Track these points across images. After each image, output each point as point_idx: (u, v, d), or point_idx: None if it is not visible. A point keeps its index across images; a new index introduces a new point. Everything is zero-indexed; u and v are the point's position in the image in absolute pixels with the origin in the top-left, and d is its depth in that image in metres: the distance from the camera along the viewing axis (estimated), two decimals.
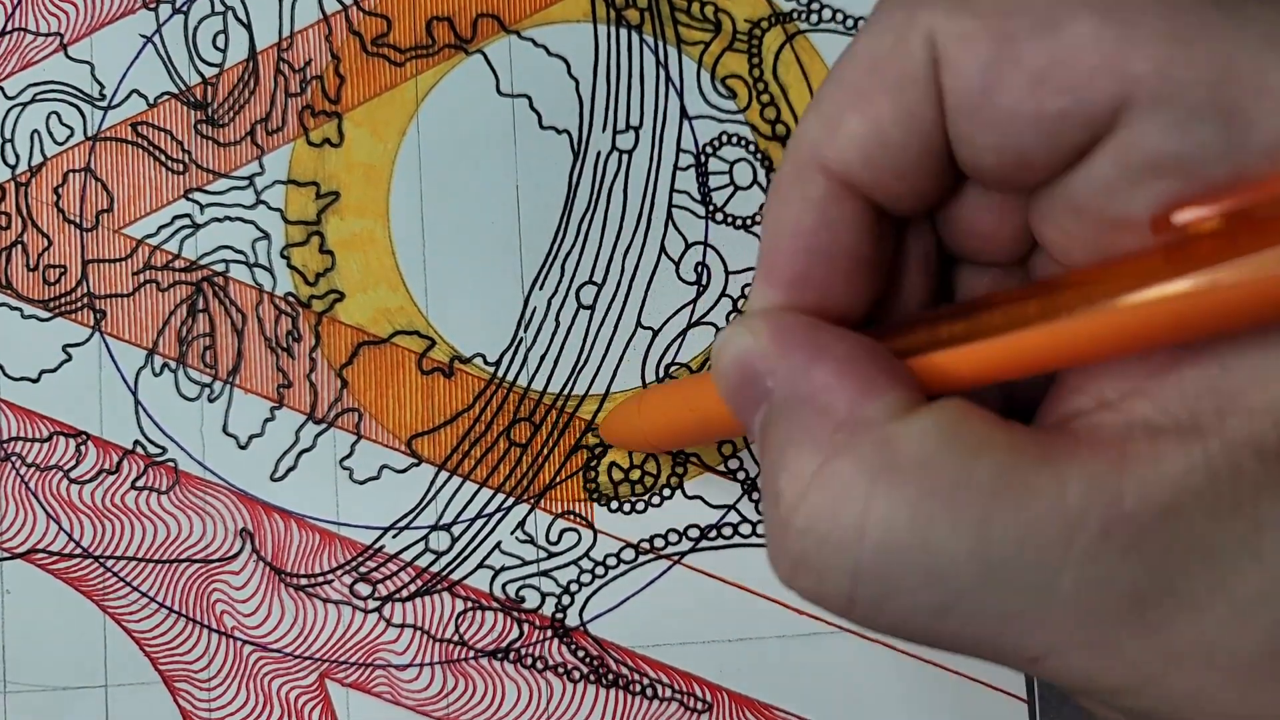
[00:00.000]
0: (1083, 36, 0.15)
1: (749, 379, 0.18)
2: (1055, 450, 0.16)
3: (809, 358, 0.17)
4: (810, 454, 0.17)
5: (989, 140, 0.17)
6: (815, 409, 0.17)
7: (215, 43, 0.31)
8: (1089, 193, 0.16)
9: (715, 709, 0.30)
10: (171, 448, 0.30)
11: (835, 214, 0.18)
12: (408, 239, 0.31)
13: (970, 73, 0.16)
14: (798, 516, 0.17)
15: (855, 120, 0.17)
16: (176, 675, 0.30)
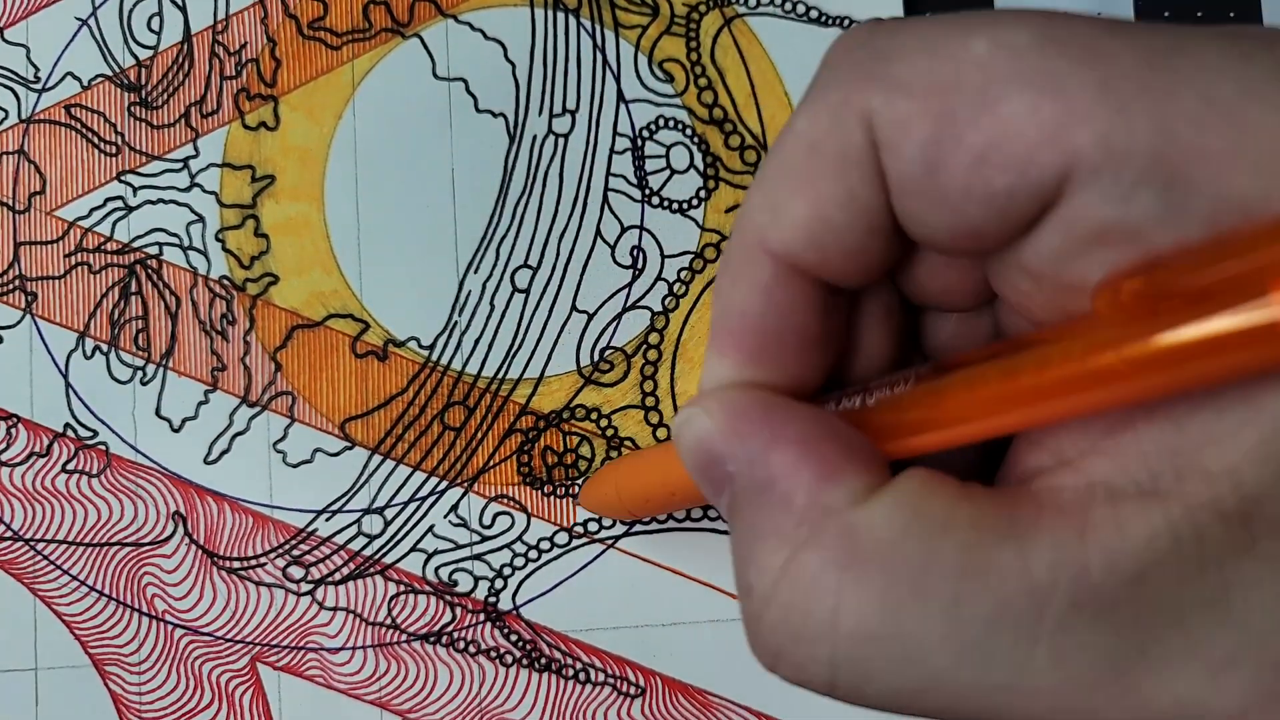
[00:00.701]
0: (1021, 113, 0.15)
1: (710, 462, 0.18)
2: (1018, 522, 0.16)
3: (766, 442, 0.17)
4: (775, 548, 0.17)
5: (937, 217, 0.17)
6: (776, 498, 0.17)
7: (150, 25, 0.31)
8: (1041, 260, 0.16)
9: (649, 693, 0.30)
10: (103, 431, 0.30)
11: (781, 297, 0.18)
12: (343, 223, 0.31)
13: (911, 155, 0.16)
14: (770, 612, 0.17)
15: (798, 204, 0.17)
16: (107, 659, 0.30)
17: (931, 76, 0.16)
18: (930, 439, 0.17)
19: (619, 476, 0.28)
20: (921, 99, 0.16)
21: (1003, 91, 0.15)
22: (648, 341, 0.31)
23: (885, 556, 0.16)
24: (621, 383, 0.31)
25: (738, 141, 0.32)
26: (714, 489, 0.18)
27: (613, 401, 0.31)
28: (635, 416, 0.31)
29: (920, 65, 0.16)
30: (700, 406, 0.18)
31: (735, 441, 0.18)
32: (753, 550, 0.17)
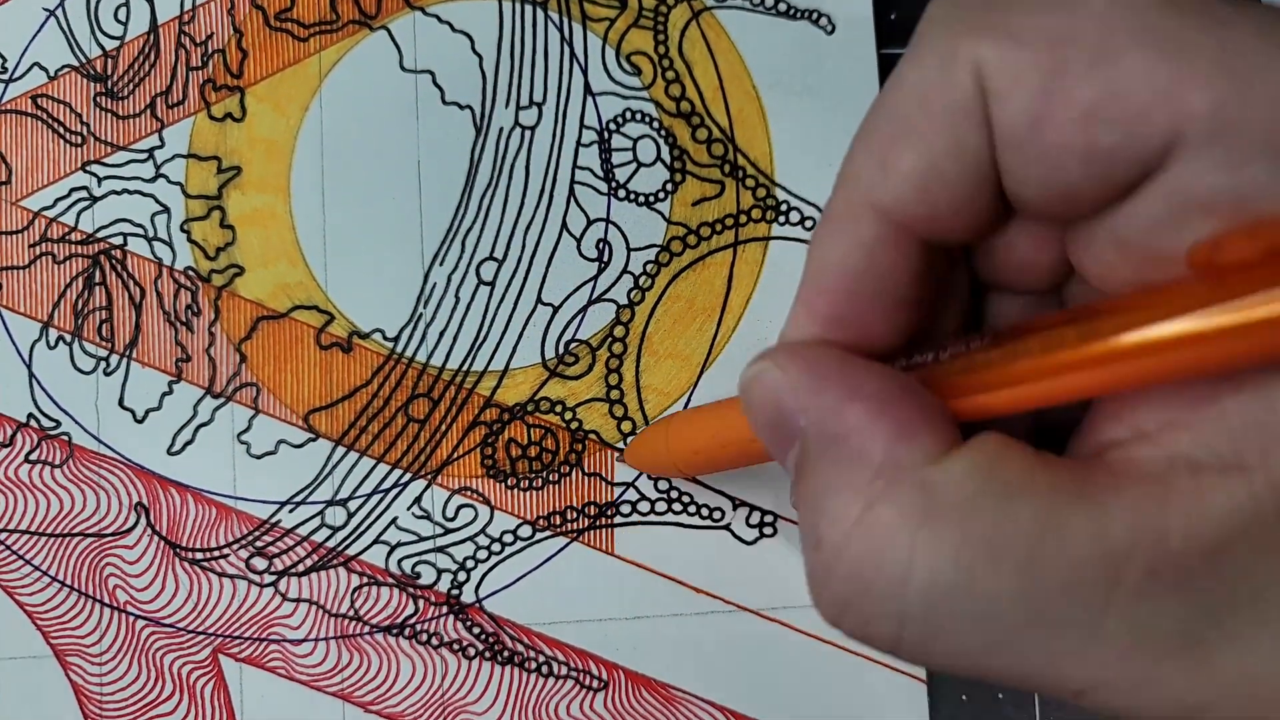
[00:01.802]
0: (1136, 71, 0.15)
1: (780, 415, 0.18)
2: (1096, 487, 0.16)
3: (842, 397, 0.17)
4: (850, 500, 0.17)
5: (1036, 173, 0.16)
6: (851, 452, 0.17)
7: (117, 16, 0.31)
8: (1135, 228, 0.16)
9: (611, 687, 0.30)
10: (66, 421, 0.30)
11: (885, 257, 0.18)
12: (308, 214, 0.31)
13: (1019, 106, 0.16)
14: (841, 563, 0.17)
15: (908, 156, 0.17)
16: (68, 649, 0.30)
17: (1046, 28, 0.16)
18: (1006, 398, 0.17)
19: (670, 429, 0.27)
20: (1034, 49, 0.16)
21: (1119, 48, 0.15)
22: (613, 335, 0.31)
23: (960, 514, 0.16)
24: (586, 375, 0.31)
25: (705, 135, 0.32)
26: (781, 443, 0.18)
27: (577, 394, 0.31)
28: (600, 409, 0.31)
29: (1035, 16, 0.16)
30: (772, 360, 0.18)
31: (810, 395, 0.18)
32: (825, 502, 0.17)
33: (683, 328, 0.31)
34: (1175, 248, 0.16)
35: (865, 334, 0.18)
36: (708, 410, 0.26)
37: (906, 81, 0.17)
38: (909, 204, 0.17)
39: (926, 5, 0.18)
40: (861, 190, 0.18)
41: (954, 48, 0.16)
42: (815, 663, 0.31)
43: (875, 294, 0.18)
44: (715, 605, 0.31)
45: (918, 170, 0.17)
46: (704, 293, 0.31)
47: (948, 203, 0.17)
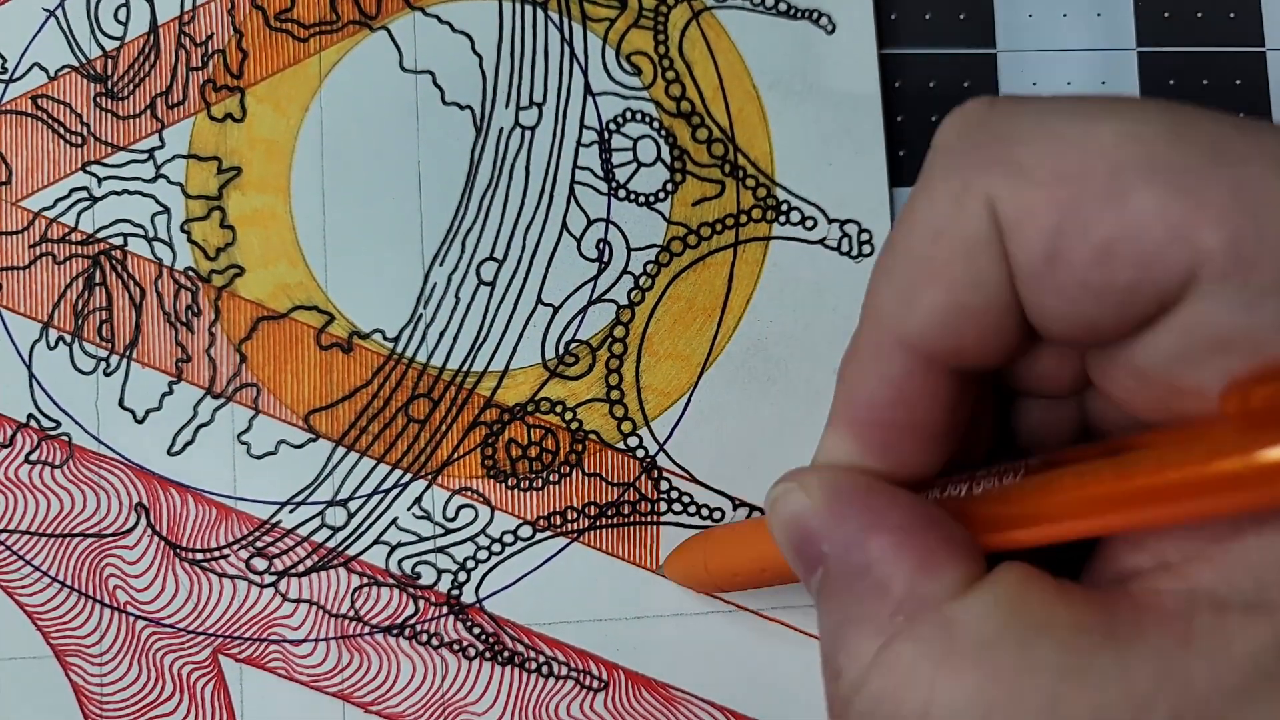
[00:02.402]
0: (1150, 208, 0.15)
1: (804, 540, 0.18)
2: (1119, 626, 0.16)
3: (865, 526, 0.17)
4: (870, 635, 0.17)
5: (1056, 306, 0.16)
6: (872, 585, 0.17)
7: (117, 16, 0.31)
8: (1154, 360, 0.16)
9: (611, 687, 0.30)
10: (66, 421, 0.30)
11: (914, 389, 0.18)
12: (308, 215, 0.31)
13: (1034, 243, 0.16)
14: (859, 699, 0.17)
15: (930, 291, 0.17)
16: (69, 650, 0.30)
17: (1056, 163, 0.16)
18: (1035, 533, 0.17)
19: (708, 548, 0.27)
20: (1046, 186, 0.16)
21: (1131, 184, 0.15)
22: (613, 335, 0.31)
23: (982, 652, 0.16)
24: (586, 376, 0.31)
25: (705, 135, 0.32)
26: (805, 568, 0.18)
27: (578, 394, 0.31)
28: (600, 410, 0.31)
29: (1044, 151, 0.16)
30: (797, 482, 0.18)
31: (833, 523, 0.18)
32: (845, 635, 0.17)
33: (683, 328, 0.31)
34: (1195, 381, 0.16)
35: (900, 461, 0.18)
36: (744, 531, 0.26)
37: (920, 216, 0.17)
38: (936, 338, 0.17)
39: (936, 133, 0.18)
40: (886, 325, 0.18)
41: (965, 182, 0.16)
42: (815, 663, 0.30)
43: (907, 424, 0.18)
44: (716, 605, 0.31)
45: (940, 305, 0.17)
46: (704, 293, 0.31)
47: (973, 334, 0.17)
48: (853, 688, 0.17)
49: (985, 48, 0.33)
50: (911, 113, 0.32)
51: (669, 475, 0.31)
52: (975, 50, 0.33)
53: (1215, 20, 0.33)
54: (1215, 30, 0.33)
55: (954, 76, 0.33)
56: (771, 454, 0.31)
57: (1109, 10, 0.33)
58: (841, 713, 0.17)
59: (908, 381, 0.18)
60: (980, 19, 0.33)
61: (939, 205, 0.17)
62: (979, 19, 0.33)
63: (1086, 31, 0.33)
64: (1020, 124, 0.16)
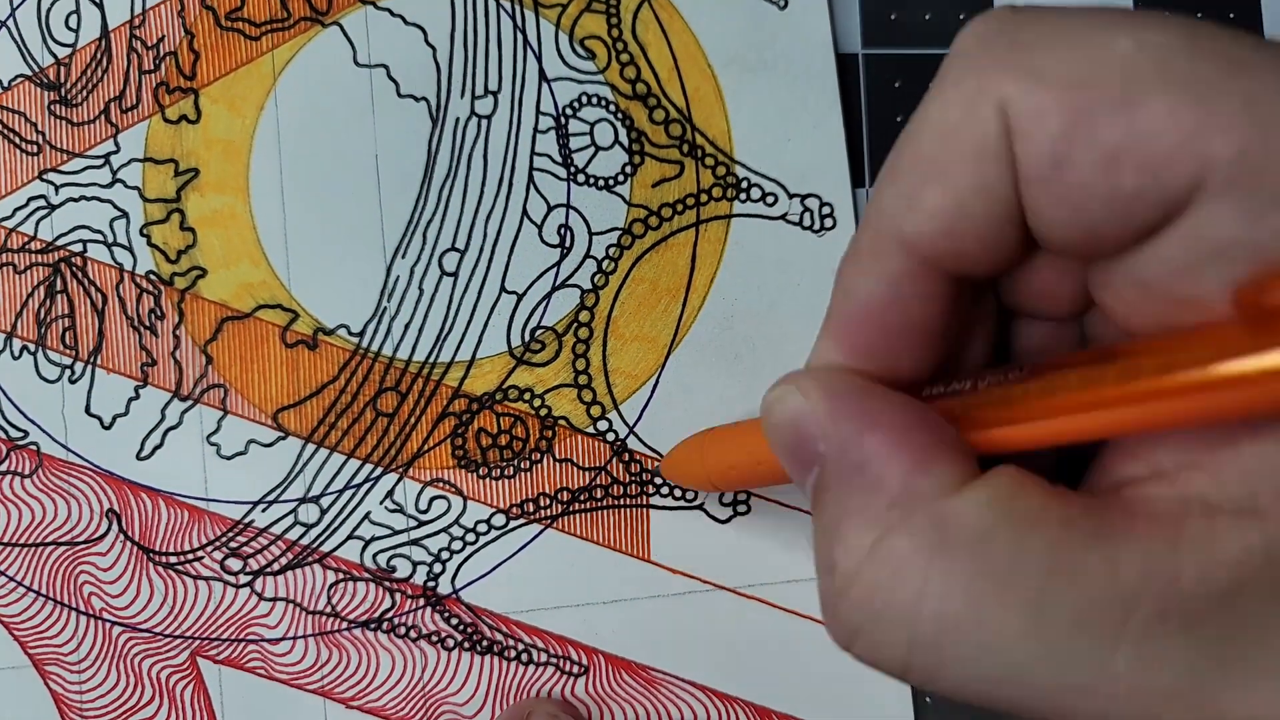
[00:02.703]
0: (1160, 115, 0.15)
1: (800, 440, 0.18)
2: (1109, 526, 0.16)
3: (862, 425, 0.17)
4: (865, 528, 0.17)
5: (1059, 213, 0.16)
6: (868, 480, 0.17)
7: (68, 23, 0.31)
8: (1157, 270, 0.16)
9: (592, 671, 0.30)
10: (33, 431, 0.30)
11: (911, 290, 0.18)
12: (268, 213, 0.31)
13: (1043, 146, 0.16)
14: (853, 589, 0.17)
15: (934, 193, 0.17)
16: (46, 659, 0.30)
17: (1071, 68, 0.16)
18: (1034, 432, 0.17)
19: (705, 445, 0.27)
20: (1059, 90, 0.16)
21: (1143, 91, 0.15)
22: (578, 320, 0.31)
23: (974, 547, 0.16)
24: (553, 362, 0.31)
25: (662, 116, 0.32)
26: (800, 467, 0.19)
27: (545, 381, 0.31)
28: (568, 395, 0.31)
29: (1060, 56, 0.16)
30: (794, 384, 0.19)
31: (830, 422, 0.18)
32: (840, 529, 0.17)
33: (648, 310, 0.31)
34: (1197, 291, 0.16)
35: (892, 364, 0.19)
36: (743, 428, 0.27)
37: (931, 118, 0.17)
38: (935, 240, 0.17)
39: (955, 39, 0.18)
40: (888, 225, 0.18)
41: (979, 85, 0.16)
42: (794, 637, 0.30)
43: (902, 326, 0.18)
44: (692, 585, 0.30)
45: (943, 207, 0.17)
46: (668, 274, 0.31)
47: (973, 239, 0.17)
48: (847, 580, 0.17)
49: None
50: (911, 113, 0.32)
51: (640, 457, 0.31)
52: None
53: (1215, 19, 0.33)
54: None
55: None
56: None
57: (1110, 4, 0.33)
58: (836, 605, 0.17)
59: (904, 282, 0.18)
60: None
61: (950, 108, 0.17)
62: None
63: None
64: (1039, 31, 0.16)
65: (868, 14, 0.33)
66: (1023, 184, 0.16)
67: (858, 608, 0.17)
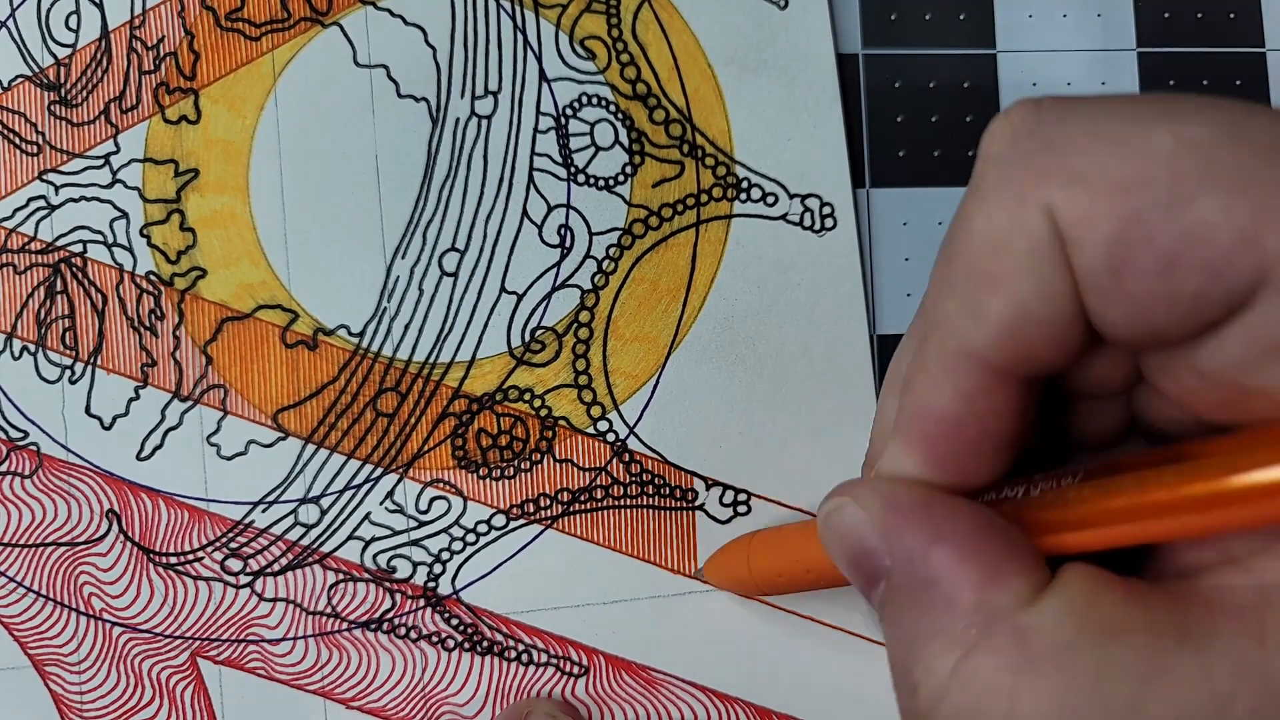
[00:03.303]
0: (1214, 214, 0.15)
1: (862, 554, 0.18)
2: (1194, 625, 0.16)
3: (928, 539, 0.17)
4: (944, 649, 0.17)
5: (1121, 315, 0.16)
6: (940, 598, 0.17)
7: (68, 23, 0.31)
8: (1219, 362, 0.16)
9: (592, 672, 0.30)
10: (34, 431, 0.30)
11: (986, 403, 0.18)
12: (268, 214, 0.31)
13: (1098, 253, 0.16)
14: (939, 713, 0.17)
15: (997, 304, 0.17)
16: (47, 659, 0.30)
17: (1114, 172, 0.15)
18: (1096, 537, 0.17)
19: (752, 550, 0.27)
20: (1106, 196, 0.15)
21: (1193, 191, 0.15)
22: (578, 320, 0.31)
23: (1060, 660, 0.16)
24: (553, 362, 0.31)
25: (662, 116, 0.32)
26: (865, 583, 0.18)
27: (545, 381, 0.31)
28: (568, 395, 0.31)
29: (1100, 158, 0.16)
30: (851, 496, 0.18)
31: (893, 536, 0.17)
32: (918, 650, 0.17)
33: (648, 310, 0.31)
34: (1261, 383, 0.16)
35: (964, 473, 0.18)
36: (790, 533, 0.26)
37: (977, 229, 0.17)
38: (1005, 349, 0.17)
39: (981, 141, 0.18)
40: (954, 339, 0.18)
41: (1021, 193, 0.16)
42: (795, 637, 0.30)
43: (979, 437, 0.18)
44: (692, 586, 0.30)
45: (1009, 316, 0.17)
46: (668, 274, 0.31)
47: (1042, 342, 0.17)
48: (932, 703, 0.17)
49: (985, 48, 0.33)
50: (911, 113, 0.32)
51: (640, 458, 0.31)
52: (975, 50, 0.33)
53: (1215, 20, 0.33)
54: (1215, 30, 0.33)
55: (954, 76, 0.33)
56: (742, 432, 0.31)
57: (1109, 10, 0.33)
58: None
59: (979, 394, 0.18)
60: (980, 19, 0.33)
61: (996, 217, 0.17)
62: (979, 19, 0.33)
63: (1086, 31, 0.33)
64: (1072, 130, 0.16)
65: (868, 14, 0.33)
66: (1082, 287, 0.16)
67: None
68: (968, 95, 0.33)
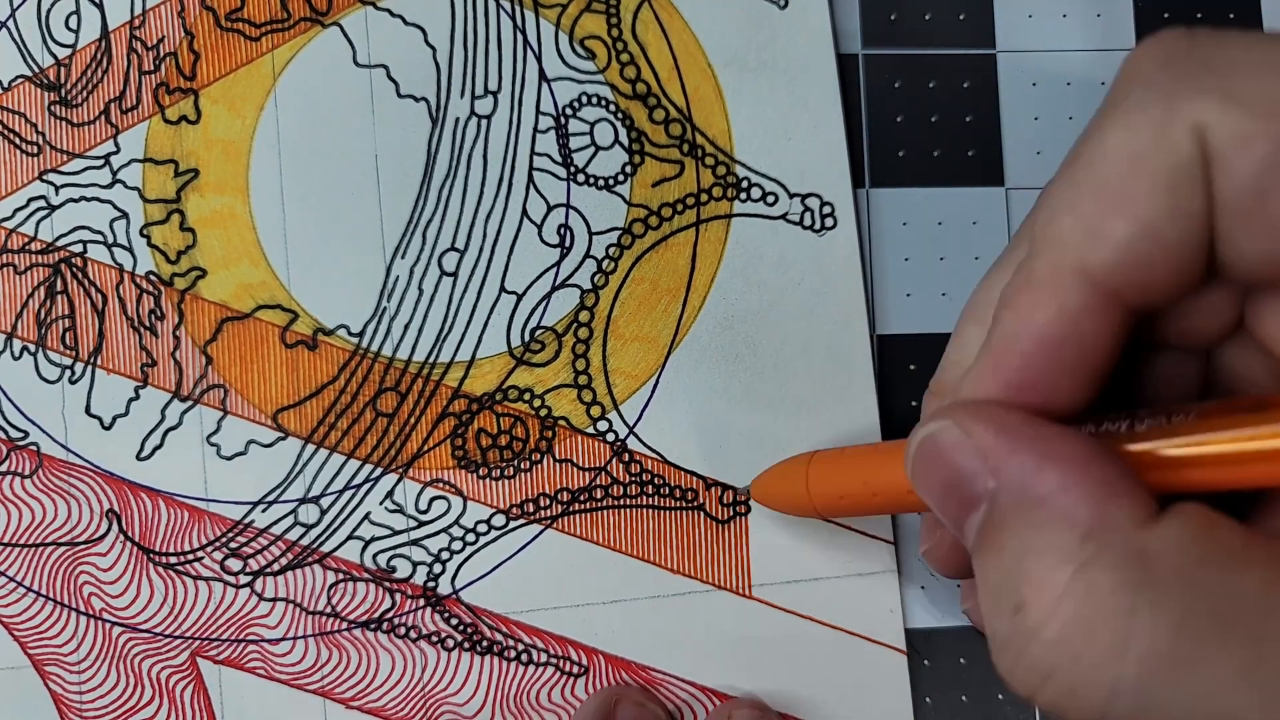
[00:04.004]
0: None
1: (961, 477, 0.18)
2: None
3: (1039, 459, 0.17)
4: (1057, 564, 0.16)
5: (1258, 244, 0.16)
6: (1053, 515, 0.16)
7: (68, 23, 0.31)
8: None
9: (592, 671, 0.30)
10: (34, 431, 0.30)
11: (1090, 326, 0.17)
12: (268, 213, 0.31)
13: (1244, 175, 0.15)
14: (1048, 629, 0.16)
15: (1123, 223, 0.16)
16: (46, 659, 0.30)
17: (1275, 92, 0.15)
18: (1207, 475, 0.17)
19: (812, 469, 0.27)
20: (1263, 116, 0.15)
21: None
22: (578, 320, 0.31)
23: (1183, 582, 0.15)
24: (553, 362, 0.31)
25: (662, 115, 0.32)
26: (959, 505, 0.18)
27: (545, 381, 0.31)
28: (568, 395, 0.31)
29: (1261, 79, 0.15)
30: (952, 419, 0.18)
31: (1003, 458, 0.17)
32: (1027, 566, 0.16)
33: (648, 310, 0.31)
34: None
35: (1051, 399, 0.18)
36: (859, 454, 0.26)
37: (1112, 142, 0.16)
38: (1123, 271, 0.17)
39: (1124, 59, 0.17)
40: (1068, 256, 0.17)
41: (1170, 109, 0.16)
42: (794, 637, 0.30)
43: (1075, 361, 0.18)
44: (692, 586, 0.30)
45: (1134, 237, 0.16)
46: (668, 274, 0.31)
47: (1163, 268, 0.17)
48: (1041, 619, 0.16)
49: (985, 48, 0.33)
50: (911, 113, 0.32)
51: (640, 458, 0.31)
52: (975, 50, 0.33)
53: (1215, 20, 0.33)
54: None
55: (954, 76, 0.33)
56: (742, 432, 0.31)
57: (1109, 10, 0.33)
58: (1024, 646, 0.16)
59: (1084, 316, 0.17)
60: (980, 19, 0.33)
61: (1140, 133, 0.16)
62: (979, 19, 0.33)
63: (1086, 31, 0.33)
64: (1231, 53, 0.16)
65: (868, 14, 0.33)
66: (1219, 212, 0.16)
67: (1055, 648, 0.16)
68: (968, 95, 0.33)
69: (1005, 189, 0.32)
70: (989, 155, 0.32)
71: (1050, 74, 0.33)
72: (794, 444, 0.31)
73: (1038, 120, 0.33)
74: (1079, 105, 0.33)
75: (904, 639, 0.31)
